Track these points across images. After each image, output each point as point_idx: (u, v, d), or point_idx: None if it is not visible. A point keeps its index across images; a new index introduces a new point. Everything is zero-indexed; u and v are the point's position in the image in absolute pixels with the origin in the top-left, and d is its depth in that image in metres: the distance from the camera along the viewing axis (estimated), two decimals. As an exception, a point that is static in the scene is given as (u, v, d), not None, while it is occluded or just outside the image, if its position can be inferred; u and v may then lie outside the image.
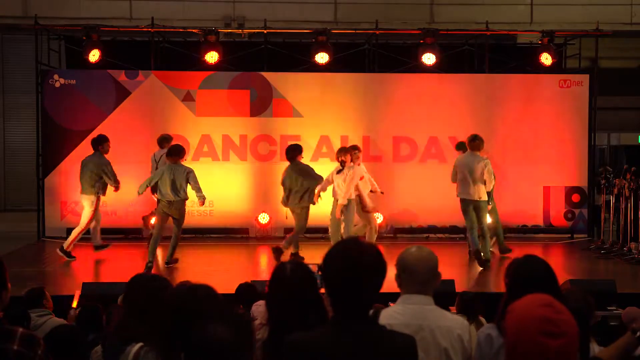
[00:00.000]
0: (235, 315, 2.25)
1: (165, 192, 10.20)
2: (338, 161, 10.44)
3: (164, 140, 11.68)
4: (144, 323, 3.10)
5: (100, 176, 10.89)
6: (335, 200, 10.45)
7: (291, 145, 11.14)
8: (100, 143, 11.07)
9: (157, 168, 11.16)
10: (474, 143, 10.39)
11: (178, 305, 2.79)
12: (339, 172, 10.37)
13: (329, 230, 10.70)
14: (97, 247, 11.24)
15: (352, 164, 10.39)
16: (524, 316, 2.43)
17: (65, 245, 10.87)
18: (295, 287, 3.21)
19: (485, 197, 10.41)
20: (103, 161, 10.96)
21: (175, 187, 10.16)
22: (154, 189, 10.53)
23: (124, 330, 3.27)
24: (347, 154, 10.41)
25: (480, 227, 10.33)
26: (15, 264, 10.52)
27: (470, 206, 10.30)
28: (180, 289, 2.86)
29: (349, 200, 10.31)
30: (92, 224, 11.08)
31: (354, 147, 10.79)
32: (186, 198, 10.36)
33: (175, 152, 10.36)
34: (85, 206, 11.04)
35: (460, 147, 11.22)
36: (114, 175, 10.98)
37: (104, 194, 11.07)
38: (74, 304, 7.20)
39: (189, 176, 10.19)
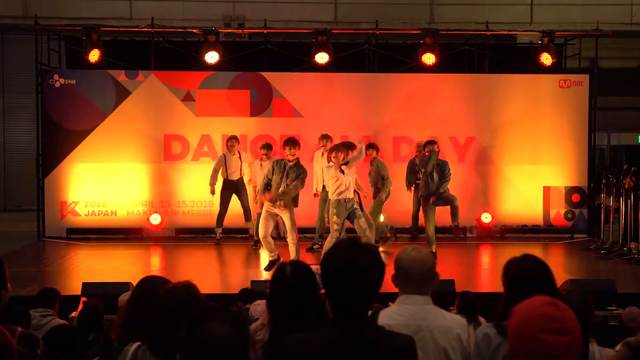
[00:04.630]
0: (229, 312, 2.25)
1: None
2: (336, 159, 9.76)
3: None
4: (140, 323, 3.11)
5: None
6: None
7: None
8: None
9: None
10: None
11: (159, 306, 2.81)
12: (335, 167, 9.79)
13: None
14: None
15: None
16: (528, 315, 2.42)
17: None
18: (295, 287, 3.20)
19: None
20: None
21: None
22: None
23: (123, 330, 3.28)
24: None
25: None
26: (15, 264, 10.52)
27: None
28: (162, 290, 2.89)
29: None
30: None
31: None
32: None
33: None
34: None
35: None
36: None
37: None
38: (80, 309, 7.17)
39: None
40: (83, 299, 7.69)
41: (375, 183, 11.72)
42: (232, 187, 12.29)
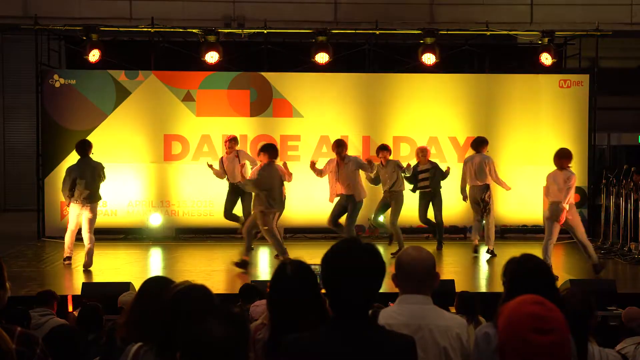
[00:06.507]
0: (229, 312, 2.25)
1: None
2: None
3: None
4: (145, 323, 3.11)
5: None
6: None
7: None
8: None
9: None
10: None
11: (174, 306, 2.80)
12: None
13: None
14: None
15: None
16: (515, 314, 2.46)
17: None
18: (296, 286, 3.20)
19: None
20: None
21: None
22: None
23: (126, 330, 3.28)
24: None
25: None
26: (15, 264, 10.53)
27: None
28: (176, 290, 2.88)
29: None
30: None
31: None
32: None
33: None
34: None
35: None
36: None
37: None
38: (70, 308, 7.18)
39: None
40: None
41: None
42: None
